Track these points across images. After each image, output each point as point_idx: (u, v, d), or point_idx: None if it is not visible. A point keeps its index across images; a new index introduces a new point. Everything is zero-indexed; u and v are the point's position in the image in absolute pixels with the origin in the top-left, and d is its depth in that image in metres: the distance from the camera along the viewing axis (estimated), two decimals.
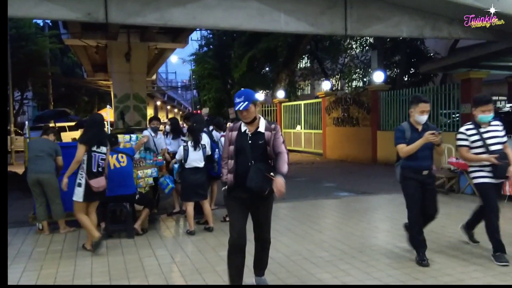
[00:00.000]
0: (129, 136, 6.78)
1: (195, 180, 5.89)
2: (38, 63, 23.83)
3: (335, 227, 6.12)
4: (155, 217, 6.78)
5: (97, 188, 5.12)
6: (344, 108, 15.88)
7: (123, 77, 19.71)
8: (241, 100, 3.49)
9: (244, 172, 3.51)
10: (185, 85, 54.90)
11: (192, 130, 6.07)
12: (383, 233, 5.80)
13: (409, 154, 4.42)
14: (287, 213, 7.06)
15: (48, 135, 6.32)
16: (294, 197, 8.51)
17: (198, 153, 5.92)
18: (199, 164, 5.93)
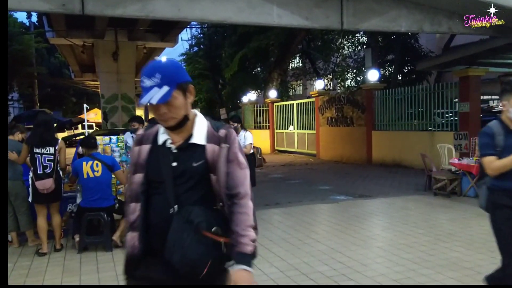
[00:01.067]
0: (108, 138, 6.18)
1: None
2: (24, 63, 23.05)
3: (334, 236, 5.58)
4: None
5: (42, 190, 4.88)
6: (338, 107, 15.38)
7: (110, 77, 19.14)
8: (153, 83, 1.73)
9: (161, 228, 1.76)
10: None
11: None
12: (386, 242, 5.27)
13: (504, 170, 2.90)
14: (281, 220, 6.51)
15: (14, 134, 5.63)
16: (288, 202, 7.97)
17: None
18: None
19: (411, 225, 5.97)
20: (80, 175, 5.05)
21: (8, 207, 5.36)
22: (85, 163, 5.07)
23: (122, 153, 6.22)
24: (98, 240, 5.20)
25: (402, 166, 12.29)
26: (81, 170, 5.03)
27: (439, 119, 12.01)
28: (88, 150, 5.21)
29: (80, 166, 5.06)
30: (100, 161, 5.11)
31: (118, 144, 6.26)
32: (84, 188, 5.07)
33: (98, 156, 5.18)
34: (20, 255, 5.13)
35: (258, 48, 21.94)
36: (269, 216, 6.78)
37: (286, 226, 6.11)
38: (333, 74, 26.22)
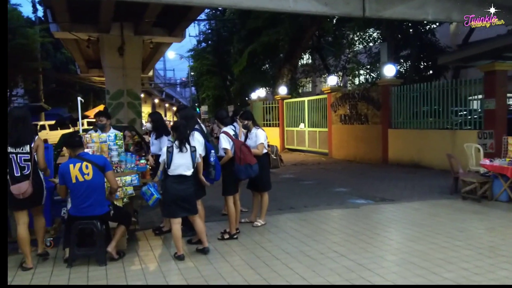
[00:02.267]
0: (105, 136, 5.50)
1: (180, 192, 4.62)
2: (28, 57, 22.47)
3: (359, 248, 4.86)
4: (136, 235, 5.53)
5: (18, 195, 4.30)
6: (351, 104, 14.62)
7: (116, 73, 18.50)
8: None
9: None
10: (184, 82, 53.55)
11: (175, 127, 4.79)
12: (421, 256, 4.53)
13: None
14: (297, 228, 5.80)
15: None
16: (303, 206, 7.26)
17: (184, 157, 4.64)
18: (186, 171, 4.65)
19: (446, 235, 5.24)
20: (67, 180, 4.36)
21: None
22: (72, 165, 4.38)
23: (121, 152, 5.54)
24: (90, 253, 4.53)
25: (421, 167, 11.52)
26: (68, 174, 4.35)
27: (455, 118, 11.25)
28: (73, 151, 4.51)
29: (66, 170, 4.37)
30: (90, 162, 4.42)
31: (116, 142, 5.56)
32: (73, 194, 4.40)
33: (87, 156, 4.49)
34: None
35: (267, 43, 21.23)
36: (284, 223, 6.08)
37: (303, 236, 5.40)
38: (344, 70, 25.41)
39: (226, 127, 5.56)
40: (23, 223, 4.43)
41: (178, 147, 4.61)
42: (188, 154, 4.64)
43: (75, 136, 4.67)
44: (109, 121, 5.93)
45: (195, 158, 4.69)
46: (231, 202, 5.40)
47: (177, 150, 4.61)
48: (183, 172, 4.61)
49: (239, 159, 5.32)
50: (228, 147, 5.32)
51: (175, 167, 4.60)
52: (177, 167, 4.60)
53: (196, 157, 4.71)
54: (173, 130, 4.77)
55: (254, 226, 5.94)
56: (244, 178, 5.50)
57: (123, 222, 4.71)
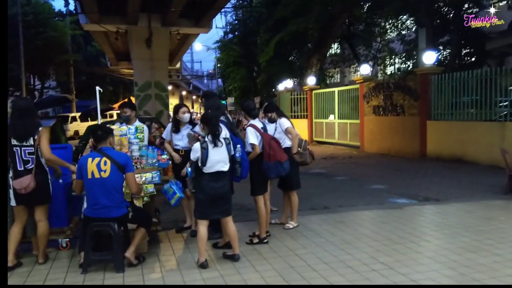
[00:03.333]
0: (125, 128, 5.00)
1: (217, 190, 4.10)
2: (59, 50, 22.50)
3: (411, 260, 4.20)
4: (158, 235, 5.03)
5: (20, 190, 3.92)
6: (386, 95, 13.75)
7: (144, 64, 18.28)
8: None
9: None
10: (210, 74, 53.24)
11: (207, 119, 4.23)
12: (486, 272, 3.84)
13: None
14: (333, 231, 5.16)
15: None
16: (339, 206, 6.62)
17: (221, 152, 4.12)
18: (224, 167, 4.14)
19: (510, 244, 4.50)
20: (84, 175, 3.90)
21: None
22: (91, 159, 3.91)
23: (142, 146, 5.03)
24: (106, 258, 4.04)
25: (464, 162, 10.63)
26: (85, 168, 3.88)
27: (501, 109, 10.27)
28: (97, 143, 4.05)
29: (84, 163, 3.92)
30: (110, 158, 3.93)
31: (137, 135, 5.06)
32: (87, 191, 3.93)
33: (109, 152, 4.00)
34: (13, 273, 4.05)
35: (295, 32, 20.41)
36: (318, 225, 5.45)
37: (342, 242, 4.77)
38: (375, 60, 24.34)
39: (253, 119, 4.95)
40: (20, 221, 4.03)
41: (212, 142, 4.07)
42: (223, 148, 4.13)
43: (101, 128, 4.19)
44: (133, 113, 5.41)
45: (231, 151, 4.19)
46: (261, 203, 4.82)
47: (212, 145, 4.08)
48: (221, 168, 4.12)
49: (268, 156, 4.72)
50: (255, 142, 4.72)
51: (211, 164, 4.08)
52: (214, 164, 4.09)
53: (231, 149, 4.21)
54: (203, 123, 4.22)
55: (286, 228, 5.35)
56: (274, 177, 4.90)
57: (143, 224, 4.21)
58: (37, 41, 19.90)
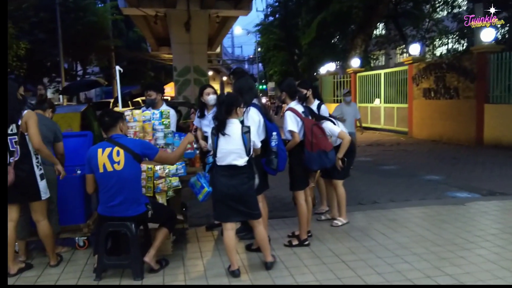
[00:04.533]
0: (149, 113, 4.41)
1: (230, 189, 3.38)
2: (100, 35, 22.45)
3: (485, 272, 3.38)
4: (187, 234, 4.46)
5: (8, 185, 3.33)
6: (438, 76, 12.53)
7: (183, 49, 17.86)
8: None
9: None
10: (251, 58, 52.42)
11: (218, 102, 3.58)
12: None
13: None
14: (386, 233, 4.39)
15: (45, 110, 4.13)
16: (390, 200, 5.80)
17: (232, 141, 3.37)
18: (237, 160, 3.38)
19: None
20: (94, 169, 3.34)
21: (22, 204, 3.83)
22: (101, 150, 3.34)
23: (168, 133, 4.44)
24: (123, 263, 3.49)
25: None
26: (95, 161, 3.32)
27: None
28: (106, 131, 3.47)
29: (93, 154, 3.35)
30: (123, 147, 3.34)
31: (162, 121, 4.47)
32: (100, 187, 3.37)
33: (121, 140, 3.40)
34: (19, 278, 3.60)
35: (339, 12, 19.28)
36: (368, 223, 4.69)
37: (398, 246, 3.99)
38: (423, 40, 22.67)
39: (294, 102, 4.20)
40: (11, 220, 3.48)
41: (216, 129, 3.40)
42: (237, 138, 3.36)
43: (108, 113, 3.56)
44: (159, 96, 4.82)
45: (248, 142, 3.38)
46: (302, 199, 4.11)
47: (221, 134, 3.40)
48: (233, 161, 3.36)
49: (310, 144, 3.98)
50: (295, 129, 3.99)
51: (221, 154, 3.38)
52: (224, 155, 3.37)
53: (249, 140, 3.40)
54: (217, 106, 3.56)
55: (334, 225, 4.64)
56: (317, 168, 4.15)
57: (166, 223, 3.63)
58: (78, 26, 19.83)
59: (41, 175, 3.52)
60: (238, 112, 3.48)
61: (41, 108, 4.08)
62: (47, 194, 3.57)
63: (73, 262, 3.82)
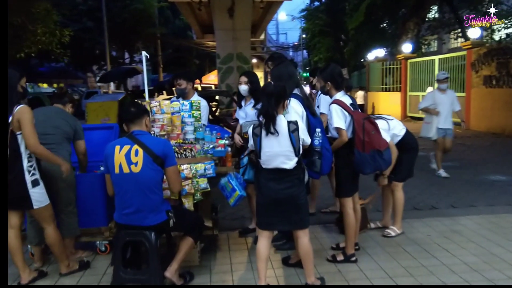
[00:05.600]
0: (178, 104, 3.91)
1: (279, 193, 2.84)
2: (146, 23, 22.44)
3: None
4: (215, 240, 3.94)
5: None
6: (501, 62, 11.22)
7: (226, 35, 17.42)
8: None
9: None
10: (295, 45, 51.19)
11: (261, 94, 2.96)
12: None
13: None
14: (450, 248, 3.67)
15: (64, 104, 3.69)
16: (450, 205, 5.00)
17: (279, 142, 2.80)
18: (285, 163, 2.82)
19: None
20: (110, 168, 2.88)
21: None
22: (119, 147, 2.85)
23: (198, 126, 3.93)
24: (140, 277, 3.02)
25: None
26: (112, 159, 2.85)
27: None
28: (128, 125, 2.98)
29: (110, 153, 2.87)
30: (143, 146, 2.85)
31: (192, 113, 3.97)
32: (116, 190, 2.90)
33: (142, 138, 2.90)
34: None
35: None
36: (426, 235, 3.97)
37: (467, 269, 3.27)
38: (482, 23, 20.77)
39: (340, 93, 3.53)
40: (11, 227, 3.08)
41: (264, 129, 2.81)
42: (284, 138, 2.79)
43: (133, 104, 3.06)
44: (190, 85, 4.31)
45: (297, 142, 2.80)
46: (350, 207, 3.47)
47: (265, 133, 2.81)
48: (281, 165, 2.82)
49: (361, 143, 3.31)
50: (342, 125, 3.33)
51: (266, 157, 2.84)
52: (269, 158, 2.83)
53: (298, 139, 2.81)
54: (260, 99, 2.98)
55: (385, 235, 3.98)
56: (370, 171, 3.47)
57: (191, 232, 3.12)
58: (124, 14, 19.83)
59: (34, 181, 3.05)
60: (284, 106, 2.92)
61: (60, 102, 3.66)
62: (42, 203, 3.09)
63: (92, 271, 3.42)
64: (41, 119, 3.39)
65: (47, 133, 3.39)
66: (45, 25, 9.82)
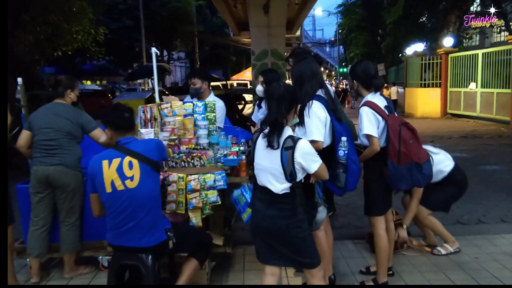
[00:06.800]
0: (191, 105, 3.43)
1: (263, 219, 2.25)
2: (184, 21, 22.26)
3: None
4: (229, 257, 3.44)
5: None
6: None
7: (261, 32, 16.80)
8: None
9: None
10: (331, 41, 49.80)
11: (268, 97, 2.36)
12: None
13: None
14: (503, 276, 3.00)
15: (63, 95, 3.15)
16: (500, 218, 4.25)
17: (271, 157, 2.20)
18: (272, 183, 2.21)
19: None
20: (99, 188, 2.41)
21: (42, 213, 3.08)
22: (107, 162, 2.39)
23: (212, 130, 3.44)
24: None
25: None
26: (101, 177, 2.38)
27: None
28: (116, 134, 2.50)
29: (97, 170, 2.39)
30: (137, 155, 2.38)
31: (206, 116, 3.49)
32: (108, 210, 2.44)
33: (132, 146, 2.42)
34: None
35: None
36: (474, 258, 3.30)
37: None
38: None
39: (372, 93, 2.91)
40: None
41: (267, 139, 2.22)
42: (276, 152, 2.18)
43: (122, 110, 2.49)
44: (206, 84, 3.81)
45: (288, 163, 2.15)
46: (381, 228, 2.86)
47: (264, 143, 2.23)
48: (267, 184, 2.23)
49: (396, 154, 2.70)
50: (374, 132, 2.72)
51: (257, 172, 2.29)
52: (258, 172, 2.28)
53: (291, 161, 2.15)
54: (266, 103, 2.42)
55: (435, 254, 3.37)
56: (406, 187, 2.84)
57: (196, 253, 2.65)
58: (162, 12, 19.70)
59: None
60: (296, 112, 2.35)
61: (57, 94, 3.13)
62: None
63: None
64: (40, 123, 3.01)
65: (50, 138, 3.00)
66: (80, 23, 9.69)
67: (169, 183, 2.90)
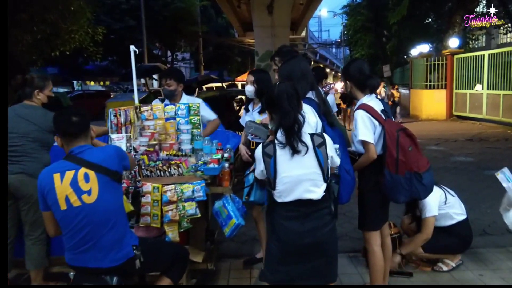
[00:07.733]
0: (174, 108, 3.14)
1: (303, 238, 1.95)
2: (188, 22, 22.01)
3: None
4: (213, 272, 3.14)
5: None
6: None
7: (264, 32, 16.63)
8: None
9: None
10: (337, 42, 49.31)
11: (273, 100, 2.03)
12: None
13: None
14: None
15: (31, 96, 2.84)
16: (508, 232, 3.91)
17: (304, 163, 1.94)
18: (312, 190, 1.94)
19: None
20: (53, 206, 2.09)
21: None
22: (59, 176, 2.06)
23: (196, 135, 3.15)
24: None
25: None
26: (53, 194, 2.07)
27: None
28: (66, 143, 2.15)
29: (48, 185, 2.07)
30: (93, 166, 2.07)
31: (190, 119, 3.20)
32: (64, 230, 2.13)
33: (85, 155, 2.10)
34: None
35: None
36: (479, 275, 2.97)
37: None
38: None
39: (367, 95, 2.60)
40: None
41: (288, 144, 1.93)
42: (309, 155, 1.94)
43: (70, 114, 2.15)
44: (180, 87, 3.47)
45: (325, 160, 1.95)
46: (376, 244, 2.55)
47: (289, 153, 1.93)
48: (305, 194, 1.95)
49: (394, 163, 2.38)
50: (370, 138, 2.42)
51: (285, 186, 1.94)
52: (290, 186, 1.94)
53: (326, 156, 1.96)
54: (269, 108, 2.09)
55: (436, 270, 3.07)
56: (404, 199, 2.52)
57: (168, 272, 2.36)
58: (165, 13, 19.45)
59: None
60: None
61: (25, 95, 2.82)
62: None
63: None
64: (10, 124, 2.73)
65: (14, 144, 2.72)
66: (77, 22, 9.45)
67: (143, 193, 2.62)
